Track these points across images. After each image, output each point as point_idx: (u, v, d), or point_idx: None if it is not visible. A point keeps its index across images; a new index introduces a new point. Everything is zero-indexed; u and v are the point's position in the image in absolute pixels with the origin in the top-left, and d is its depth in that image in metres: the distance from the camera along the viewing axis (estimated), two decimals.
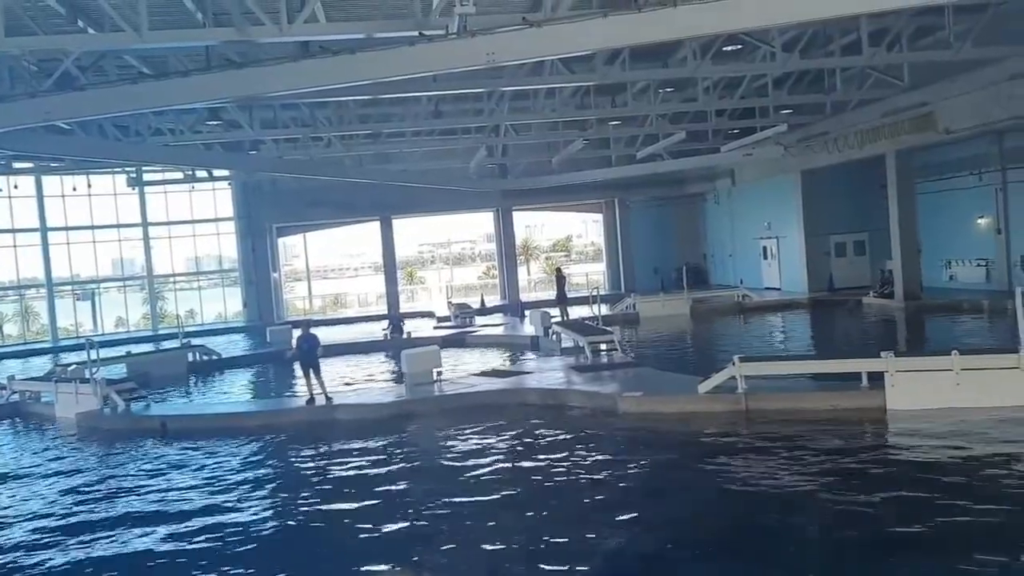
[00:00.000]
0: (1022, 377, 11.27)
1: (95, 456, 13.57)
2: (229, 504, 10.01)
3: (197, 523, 9.28)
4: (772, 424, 11.76)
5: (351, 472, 11.14)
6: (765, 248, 34.09)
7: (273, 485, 10.99)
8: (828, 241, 30.89)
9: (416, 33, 11.78)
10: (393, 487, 10.28)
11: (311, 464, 12.10)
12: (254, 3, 11.74)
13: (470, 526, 8.60)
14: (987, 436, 10.29)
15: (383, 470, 11.09)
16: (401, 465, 11.41)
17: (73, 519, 9.91)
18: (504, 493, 9.65)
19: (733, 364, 12.81)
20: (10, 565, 8.49)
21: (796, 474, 9.48)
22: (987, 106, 19.90)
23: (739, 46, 18.11)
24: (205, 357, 23.81)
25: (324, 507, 9.75)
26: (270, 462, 12.38)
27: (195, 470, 11.80)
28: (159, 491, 10.81)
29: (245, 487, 10.77)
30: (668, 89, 23.04)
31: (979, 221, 25.68)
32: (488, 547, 7.99)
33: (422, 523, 8.78)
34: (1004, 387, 11.33)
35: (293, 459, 12.46)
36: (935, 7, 15.48)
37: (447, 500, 9.45)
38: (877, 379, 12.09)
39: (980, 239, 25.71)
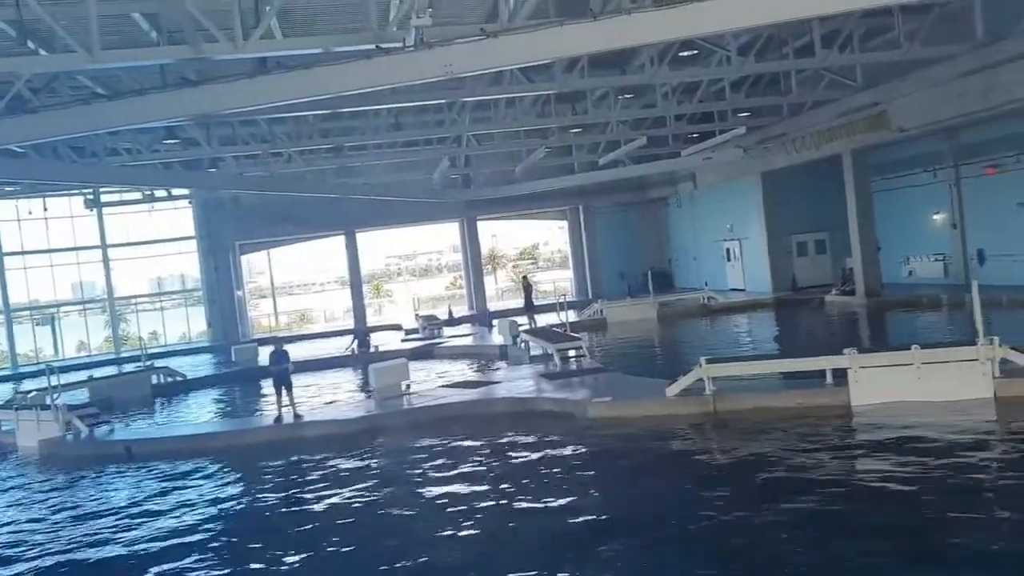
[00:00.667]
0: (980, 369, 11.50)
1: (56, 483, 13.30)
2: (192, 527, 9.85)
3: (157, 546, 9.13)
4: (741, 424, 11.89)
5: (318, 490, 11.02)
6: (728, 250, 34.44)
7: (241, 507, 10.86)
8: (790, 241, 31.32)
9: (373, 46, 11.75)
10: (362, 503, 10.20)
11: (278, 484, 11.95)
12: (209, 20, 11.65)
13: (440, 536, 8.56)
14: (947, 427, 10.48)
15: (351, 487, 10.98)
16: (369, 481, 11.32)
17: (35, 547, 9.70)
18: (473, 501, 9.63)
19: (700, 366, 12.91)
20: None
21: (765, 472, 9.58)
22: (938, 104, 20.32)
23: (695, 51, 18.34)
24: (169, 379, 23.47)
25: (288, 529, 9.62)
26: (238, 483, 12.22)
27: (159, 494, 11.61)
28: (120, 517, 10.61)
29: (212, 509, 10.62)
30: (627, 96, 23.25)
31: (935, 217, 26.18)
32: (453, 557, 7.96)
33: (388, 537, 8.72)
34: (963, 379, 11.55)
35: (261, 479, 12.31)
36: (883, 8, 15.78)
37: (413, 516, 9.41)
38: (841, 376, 12.27)
39: (937, 235, 26.20)
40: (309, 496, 10.82)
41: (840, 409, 11.87)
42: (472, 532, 8.65)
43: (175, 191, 31.29)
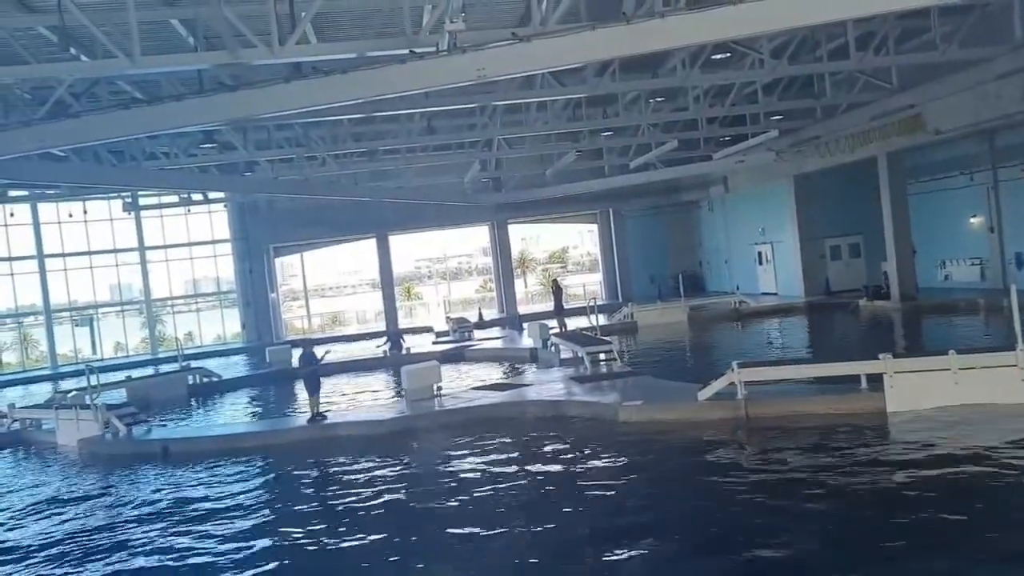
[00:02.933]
0: (1019, 375, 11.32)
1: (97, 481, 13.56)
2: (225, 526, 10.00)
3: (196, 545, 9.29)
4: (773, 429, 11.80)
5: (351, 489, 11.13)
6: (760, 254, 34.20)
7: (275, 506, 11.00)
8: (823, 245, 31.02)
9: (407, 51, 11.88)
10: (394, 502, 10.29)
11: (311, 483, 12.09)
12: (245, 26, 11.84)
13: (474, 537, 8.62)
14: (986, 434, 10.33)
15: (384, 487, 11.09)
16: (402, 482, 11.42)
17: (78, 544, 9.91)
18: (506, 504, 9.68)
19: (732, 370, 12.83)
20: None
21: (798, 479, 9.51)
22: (975, 106, 20.05)
23: (728, 54, 18.28)
24: (205, 379, 23.79)
25: (322, 526, 9.72)
26: (272, 482, 12.38)
27: (197, 494, 11.80)
28: (159, 515, 10.81)
29: (248, 508, 10.77)
30: (659, 99, 23.22)
31: (972, 220, 25.80)
32: (492, 559, 8.01)
33: (424, 538, 8.80)
34: (1002, 385, 11.37)
35: (295, 478, 12.45)
36: (921, 9, 15.62)
37: (447, 515, 9.48)
38: (876, 381, 12.13)
39: (973, 238, 25.83)
40: (340, 495, 10.92)
41: (875, 415, 11.71)
42: (499, 533, 8.68)
43: (211, 194, 31.77)
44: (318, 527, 9.66)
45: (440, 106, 19.27)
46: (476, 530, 8.86)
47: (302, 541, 9.20)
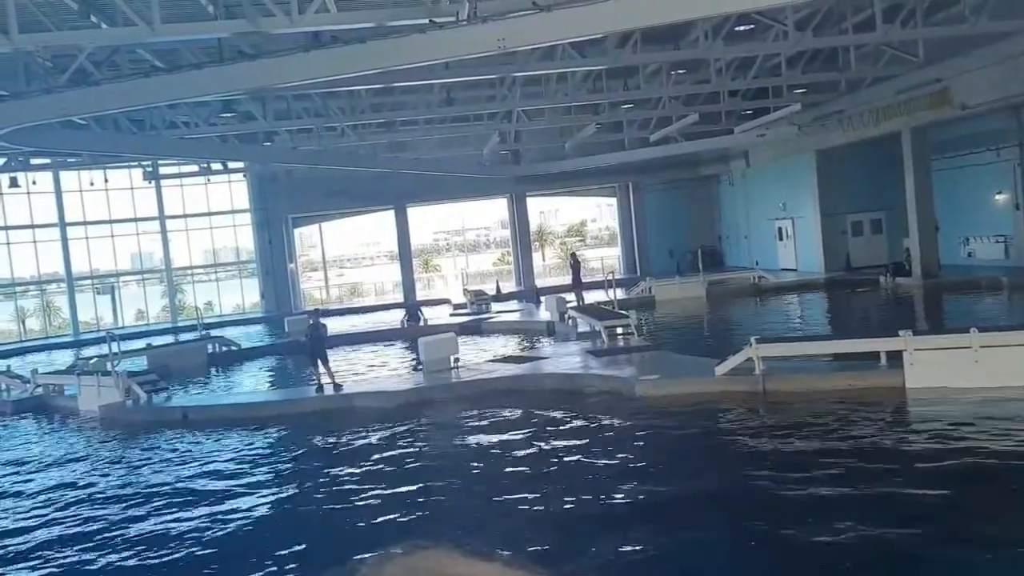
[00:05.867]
0: None
1: (120, 447, 13.77)
2: (246, 490, 10.13)
3: (215, 508, 9.43)
4: (791, 405, 11.76)
5: (368, 458, 11.22)
6: (780, 229, 33.92)
7: (292, 471, 11.13)
8: (844, 220, 30.71)
9: (427, 20, 11.78)
10: (410, 470, 10.37)
11: (324, 452, 12.20)
12: None
13: (485, 508, 8.68)
14: (1006, 413, 10.25)
15: (400, 453, 11.19)
16: (418, 449, 11.51)
17: (102, 507, 10.08)
18: (520, 476, 9.74)
19: (750, 346, 12.76)
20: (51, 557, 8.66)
21: (816, 454, 9.49)
22: (1004, 80, 19.68)
23: (751, 26, 18.01)
24: (224, 348, 23.98)
25: (338, 491, 9.83)
26: (291, 449, 12.52)
27: (216, 459, 11.95)
28: (181, 478, 10.96)
29: (265, 473, 10.91)
30: (680, 71, 22.94)
31: (997, 197, 25.42)
32: (503, 525, 8.07)
33: (438, 502, 8.87)
34: None
35: (315, 445, 12.58)
36: None
37: (461, 483, 9.55)
38: (896, 359, 12.02)
39: (998, 215, 25.46)
40: (351, 464, 11.01)
41: (894, 392, 11.63)
42: (511, 505, 8.73)
43: (231, 164, 31.84)
44: (326, 493, 9.78)
45: (459, 77, 19.15)
46: (488, 501, 8.92)
47: (308, 508, 9.32)
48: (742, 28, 18.01)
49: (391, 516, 8.68)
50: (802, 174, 31.06)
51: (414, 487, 9.69)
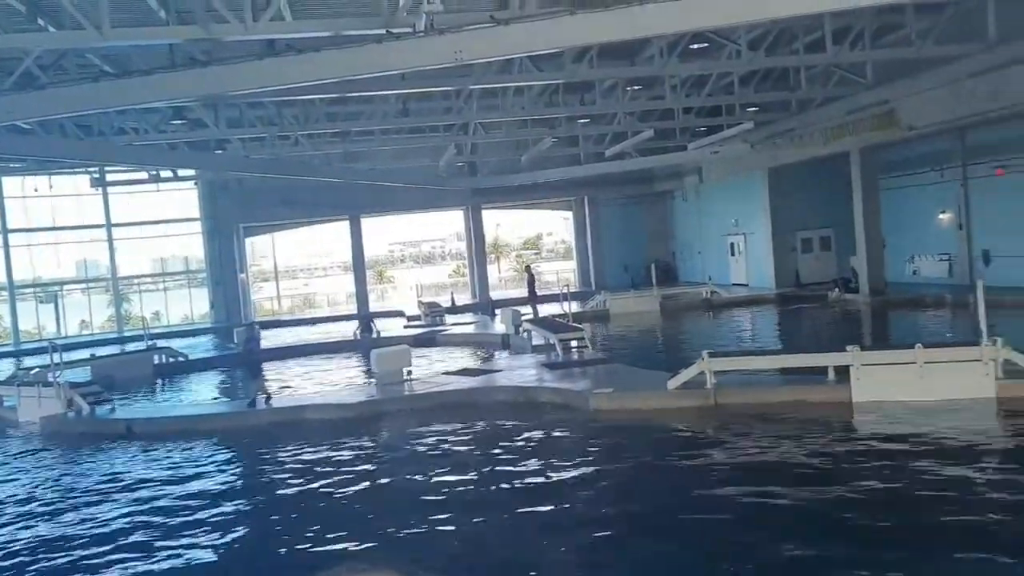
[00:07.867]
0: (983, 370, 11.48)
1: (57, 460, 13.35)
2: (185, 506, 9.87)
3: (151, 525, 9.17)
4: (741, 418, 11.88)
5: (314, 473, 11.02)
6: (733, 245, 34.41)
7: (234, 487, 10.89)
8: (795, 237, 31.30)
9: (383, 31, 11.73)
10: (360, 487, 10.21)
11: (276, 465, 11.96)
12: (219, 1, 11.61)
13: (436, 523, 8.57)
14: (948, 427, 10.45)
15: (347, 468, 11.01)
16: (366, 464, 11.34)
17: (30, 522, 9.74)
18: (472, 490, 9.65)
19: (702, 359, 12.89)
20: None
21: (766, 467, 9.58)
22: (949, 103, 20.24)
23: (705, 44, 18.28)
24: (171, 359, 23.48)
25: (280, 509, 9.61)
26: (236, 464, 12.26)
27: (158, 474, 11.64)
28: (119, 493, 10.65)
29: (207, 489, 10.65)
30: (636, 87, 23.18)
31: (941, 216, 26.11)
32: (447, 544, 7.97)
33: (382, 521, 8.72)
34: (966, 380, 11.52)
35: (261, 459, 12.33)
36: (897, 5, 15.72)
37: (412, 501, 9.41)
38: (843, 373, 12.25)
39: (943, 234, 26.13)
40: (301, 478, 10.81)
41: (841, 406, 11.84)
42: (463, 518, 8.64)
43: (181, 172, 31.23)
44: (267, 511, 9.58)
45: (416, 88, 19.09)
46: (438, 516, 8.80)
47: (248, 527, 9.12)
48: (696, 46, 18.27)
49: (333, 535, 8.50)
50: (754, 191, 31.57)
51: (359, 505, 9.53)
